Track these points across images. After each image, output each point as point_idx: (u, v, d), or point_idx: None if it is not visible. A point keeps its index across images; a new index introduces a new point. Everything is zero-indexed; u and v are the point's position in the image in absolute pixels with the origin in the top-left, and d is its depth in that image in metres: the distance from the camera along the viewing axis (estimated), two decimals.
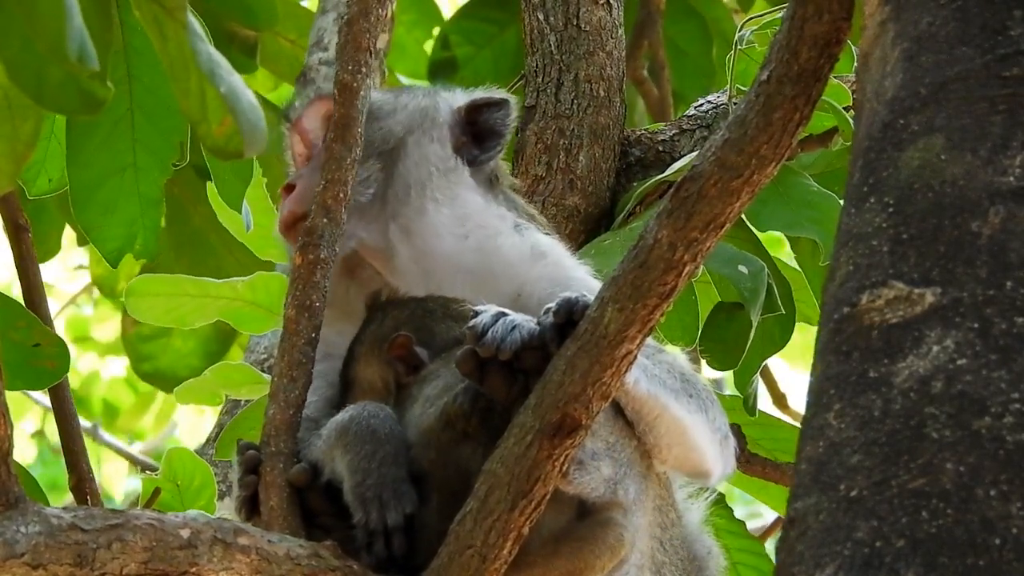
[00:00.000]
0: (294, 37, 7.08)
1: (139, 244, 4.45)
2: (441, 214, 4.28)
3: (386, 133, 4.35)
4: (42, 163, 4.56)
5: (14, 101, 3.78)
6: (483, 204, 4.34)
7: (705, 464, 4.06)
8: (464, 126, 4.42)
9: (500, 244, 4.27)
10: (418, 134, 4.36)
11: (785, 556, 2.69)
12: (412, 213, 4.27)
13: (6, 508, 3.56)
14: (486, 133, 4.43)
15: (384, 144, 4.34)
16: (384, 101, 4.42)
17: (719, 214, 3.45)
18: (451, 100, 4.46)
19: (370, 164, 4.29)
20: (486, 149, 4.42)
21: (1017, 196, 2.72)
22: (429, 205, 4.28)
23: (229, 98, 3.50)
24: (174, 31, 3.50)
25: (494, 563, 3.72)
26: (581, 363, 3.61)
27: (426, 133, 4.37)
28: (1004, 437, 2.57)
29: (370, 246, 4.27)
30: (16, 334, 4.39)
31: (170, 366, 7.46)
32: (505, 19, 7.22)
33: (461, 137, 4.41)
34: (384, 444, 3.86)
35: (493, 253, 4.25)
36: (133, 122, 4.35)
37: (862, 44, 3.02)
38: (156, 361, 7.46)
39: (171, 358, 7.46)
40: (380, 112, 4.37)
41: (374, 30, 4.01)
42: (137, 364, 7.50)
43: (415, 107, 4.42)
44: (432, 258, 4.25)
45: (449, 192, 4.31)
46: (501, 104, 4.45)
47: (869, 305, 2.75)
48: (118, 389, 11.07)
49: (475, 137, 4.43)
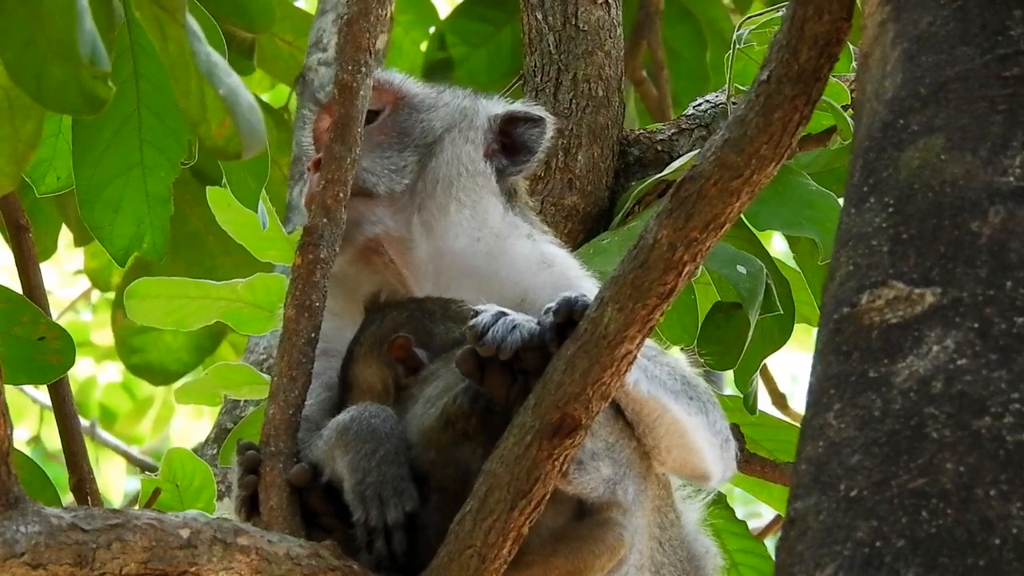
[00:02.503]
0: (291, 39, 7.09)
1: (147, 243, 4.44)
2: (462, 215, 4.31)
3: (426, 127, 4.40)
4: (50, 161, 4.56)
5: (15, 101, 3.78)
6: (501, 212, 4.36)
7: (705, 466, 4.06)
8: (497, 135, 4.44)
9: (509, 249, 4.27)
10: (455, 133, 4.40)
11: (785, 556, 2.69)
12: (436, 209, 4.31)
13: (6, 508, 3.56)
14: (518, 146, 4.45)
15: (423, 137, 4.38)
16: (426, 95, 4.47)
17: (719, 214, 3.46)
18: (489, 107, 4.49)
19: (407, 155, 4.34)
20: (516, 162, 4.44)
21: (1017, 196, 2.72)
22: (452, 205, 4.31)
23: (228, 99, 3.50)
24: (174, 32, 3.50)
25: (494, 563, 3.72)
26: (581, 363, 3.61)
27: (462, 133, 4.40)
28: (1004, 437, 2.57)
29: (394, 235, 4.28)
30: (20, 329, 4.39)
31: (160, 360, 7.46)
32: (501, 19, 7.22)
33: (492, 144, 4.43)
34: (385, 443, 3.86)
35: (501, 257, 4.26)
36: (140, 121, 4.35)
37: (862, 44, 3.02)
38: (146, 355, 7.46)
39: (161, 352, 7.46)
40: (422, 105, 4.43)
41: (374, 30, 4.01)
42: (127, 358, 7.49)
43: (456, 106, 4.45)
44: (445, 257, 4.27)
45: (473, 194, 4.34)
46: (538, 122, 4.47)
47: (869, 305, 2.75)
48: (115, 394, 11.06)
49: (505, 148, 4.45)
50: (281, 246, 4.95)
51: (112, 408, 11.01)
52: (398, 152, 4.32)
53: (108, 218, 4.42)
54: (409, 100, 4.41)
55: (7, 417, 3.57)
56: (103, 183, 4.39)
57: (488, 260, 4.26)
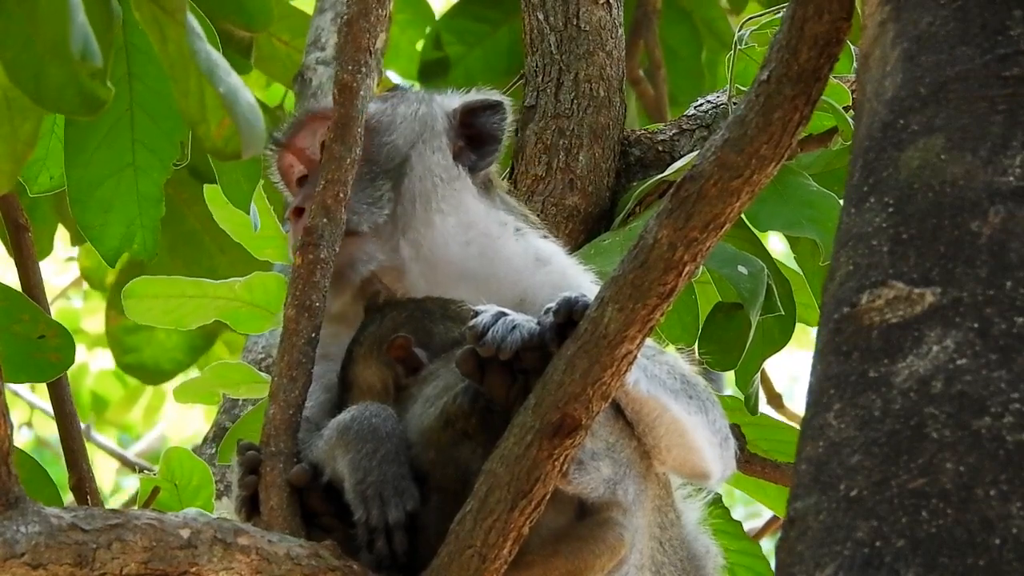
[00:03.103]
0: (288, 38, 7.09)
1: (137, 243, 4.44)
2: (447, 224, 4.26)
3: (391, 150, 4.32)
4: (43, 161, 4.55)
5: (14, 101, 3.78)
6: (485, 210, 4.32)
7: (704, 465, 4.06)
8: (459, 129, 4.39)
9: (502, 250, 4.25)
10: (420, 146, 4.32)
11: (785, 556, 2.69)
12: (420, 226, 4.25)
13: (6, 508, 3.56)
14: (483, 137, 4.39)
15: (389, 161, 4.31)
16: (382, 113, 4.37)
17: (719, 214, 3.46)
18: (445, 104, 4.42)
19: (380, 183, 4.27)
20: (483, 155, 4.38)
21: (1017, 196, 2.72)
22: (436, 217, 4.26)
23: (228, 99, 3.50)
24: (174, 32, 3.50)
25: (494, 563, 3.72)
26: (581, 363, 3.61)
27: (427, 144, 4.33)
28: (1004, 437, 2.57)
29: (386, 266, 4.23)
30: (20, 327, 4.39)
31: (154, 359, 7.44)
32: (497, 18, 7.22)
33: (458, 142, 4.37)
34: (385, 442, 3.86)
35: (496, 258, 4.24)
36: (133, 121, 4.34)
37: (862, 44, 3.02)
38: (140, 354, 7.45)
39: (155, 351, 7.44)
40: (380, 127, 4.33)
41: (374, 30, 4.01)
42: (120, 356, 7.48)
43: (413, 117, 4.37)
44: (438, 267, 4.23)
45: (453, 201, 4.29)
46: (496, 107, 4.41)
47: (869, 305, 2.75)
48: (107, 382, 11.05)
49: (470, 140, 4.39)
50: (278, 244, 4.95)
51: (104, 395, 10.99)
52: (370, 182, 4.24)
53: (99, 218, 4.41)
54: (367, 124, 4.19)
55: (7, 417, 3.57)
56: (95, 183, 4.39)
57: (482, 262, 4.24)
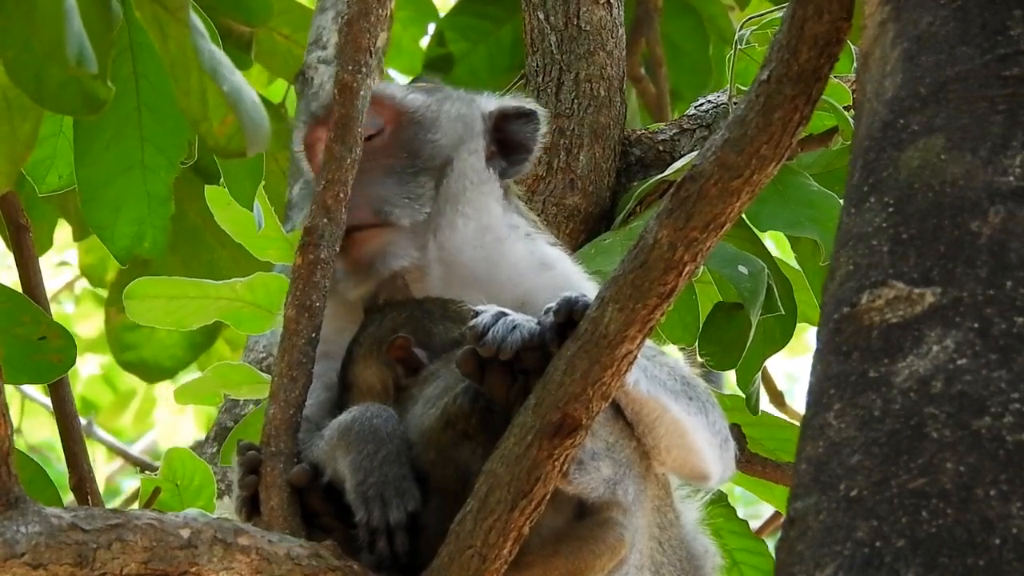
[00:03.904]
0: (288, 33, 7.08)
1: (148, 242, 4.43)
2: (468, 228, 4.24)
3: (435, 148, 4.28)
4: (51, 160, 4.55)
5: (14, 101, 3.78)
6: (501, 214, 4.29)
7: (704, 466, 4.06)
8: (491, 133, 4.36)
9: (509, 252, 4.24)
10: (461, 148, 4.29)
11: (785, 556, 2.69)
12: (447, 228, 4.23)
13: (6, 508, 3.56)
14: (513, 144, 4.36)
15: (432, 160, 4.26)
16: (427, 109, 4.32)
17: (719, 214, 3.45)
18: (482, 106, 4.38)
19: (423, 179, 4.23)
20: (514, 162, 4.35)
21: (1017, 196, 2.72)
22: (459, 220, 4.23)
23: (231, 96, 3.50)
24: (175, 31, 3.50)
25: (494, 563, 3.72)
26: (581, 363, 3.61)
27: (466, 145, 4.30)
28: (1004, 437, 2.57)
29: (417, 265, 4.20)
30: (21, 328, 4.39)
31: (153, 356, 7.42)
32: (501, 15, 7.21)
33: (490, 147, 4.35)
34: (386, 443, 3.86)
35: (501, 261, 4.22)
36: (140, 120, 4.34)
37: (862, 44, 3.02)
38: (139, 351, 7.43)
39: (155, 348, 7.43)
40: (425, 121, 4.30)
41: (374, 30, 4.00)
42: (120, 354, 7.46)
43: (457, 117, 4.33)
44: (453, 269, 4.21)
45: (479, 204, 4.26)
46: (530, 115, 4.37)
47: (869, 305, 2.75)
48: (97, 387, 11.03)
49: (500, 145, 4.37)
50: (280, 245, 4.94)
51: (93, 400, 10.97)
52: (413, 177, 4.21)
53: (110, 217, 4.41)
54: (411, 116, 4.27)
55: (7, 417, 3.57)
56: (104, 182, 4.39)
57: (488, 265, 4.23)
